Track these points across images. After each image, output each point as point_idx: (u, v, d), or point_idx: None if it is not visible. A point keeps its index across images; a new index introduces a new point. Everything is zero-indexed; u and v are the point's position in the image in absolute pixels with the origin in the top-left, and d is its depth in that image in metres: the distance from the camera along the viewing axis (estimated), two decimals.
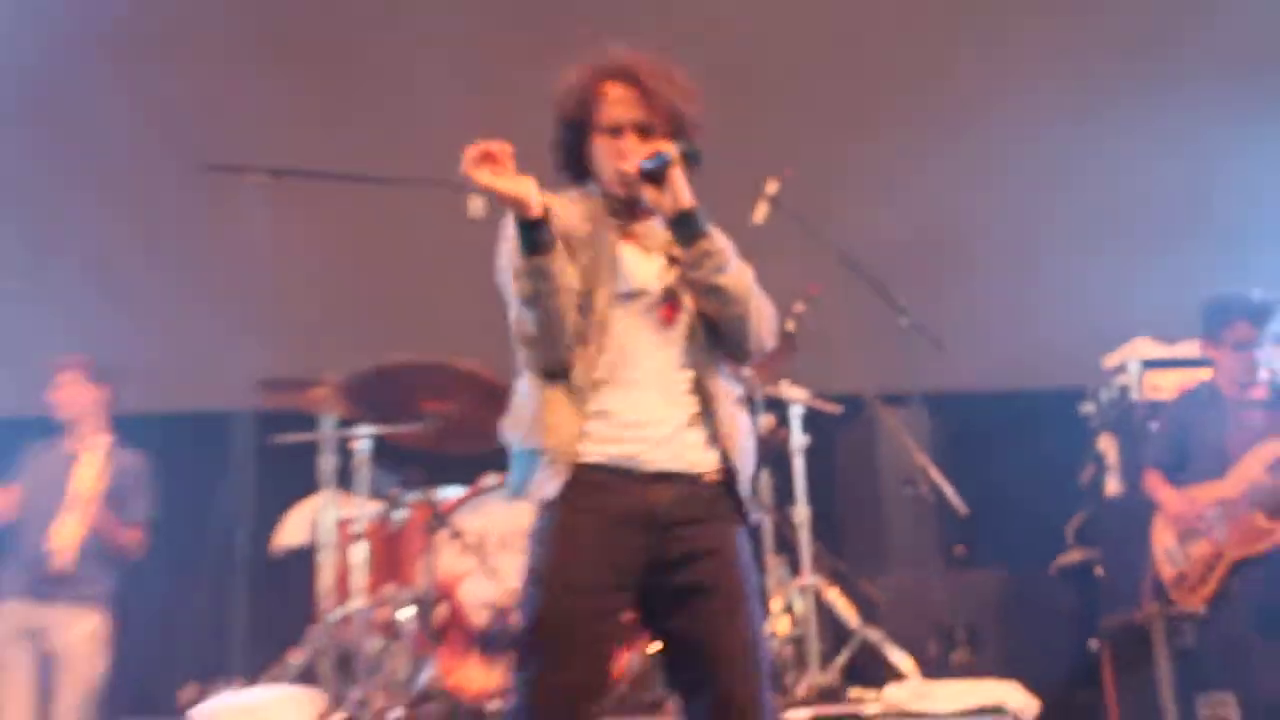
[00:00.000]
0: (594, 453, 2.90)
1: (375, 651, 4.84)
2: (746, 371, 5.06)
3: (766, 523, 5.11)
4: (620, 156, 2.98)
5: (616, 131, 3.00)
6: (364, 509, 5.02)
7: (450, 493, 4.88)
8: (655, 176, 2.91)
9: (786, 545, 5.04)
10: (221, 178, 5.53)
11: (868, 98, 6.66)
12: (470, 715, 4.45)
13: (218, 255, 5.89)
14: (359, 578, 4.92)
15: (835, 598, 4.89)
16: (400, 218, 6.06)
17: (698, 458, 2.94)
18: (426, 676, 4.59)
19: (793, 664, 4.80)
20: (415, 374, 4.80)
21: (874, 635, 4.78)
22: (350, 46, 6.82)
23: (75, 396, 5.74)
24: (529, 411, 2.97)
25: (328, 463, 5.14)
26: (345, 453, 5.12)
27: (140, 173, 6.63)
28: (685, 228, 2.94)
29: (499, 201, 2.77)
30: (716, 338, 2.99)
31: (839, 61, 6.80)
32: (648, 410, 2.93)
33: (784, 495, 5.04)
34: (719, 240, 2.96)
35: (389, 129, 6.59)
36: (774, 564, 5.07)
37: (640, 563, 2.88)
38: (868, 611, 5.04)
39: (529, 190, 2.75)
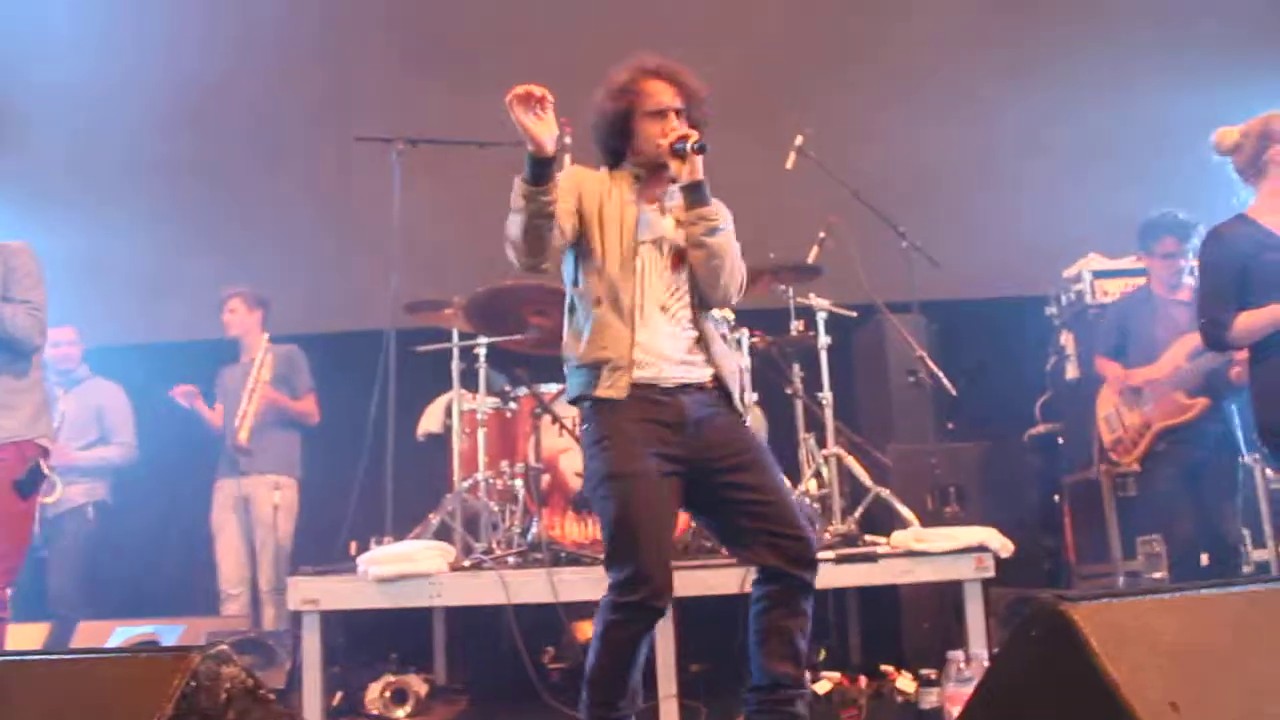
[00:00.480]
0: (639, 371, 3.01)
1: (495, 512, 4.82)
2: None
3: (798, 405, 5.01)
4: (663, 134, 3.08)
5: (661, 114, 3.11)
6: (484, 402, 4.98)
7: (550, 387, 4.82)
8: (679, 154, 3.03)
9: (815, 423, 4.94)
10: (369, 146, 5.49)
11: (875, 64, 6.50)
12: (568, 559, 4.41)
13: (367, 208, 5.84)
14: (481, 456, 4.87)
15: (853, 464, 4.78)
16: (506, 173, 5.96)
17: (700, 373, 3.07)
18: (534, 531, 4.56)
19: (819, 516, 4.71)
20: (521, 294, 4.75)
21: (884, 493, 4.67)
22: (468, 39, 6.73)
23: (240, 318, 5.76)
24: (585, 332, 3.06)
25: (455, 367, 5.10)
26: (469, 358, 5.08)
27: (304, 145, 6.61)
28: (693, 195, 3.06)
29: (523, 133, 2.86)
30: (698, 285, 3.10)
31: (854, 36, 6.65)
32: (666, 340, 3.05)
33: (812, 383, 4.93)
34: (717, 210, 3.09)
35: (497, 103, 6.48)
36: (804, 438, 4.97)
37: (681, 454, 2.99)
38: (879, 474, 4.95)
39: (546, 132, 2.85)
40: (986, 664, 3.85)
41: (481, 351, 5.03)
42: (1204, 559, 4.39)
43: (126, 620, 5.12)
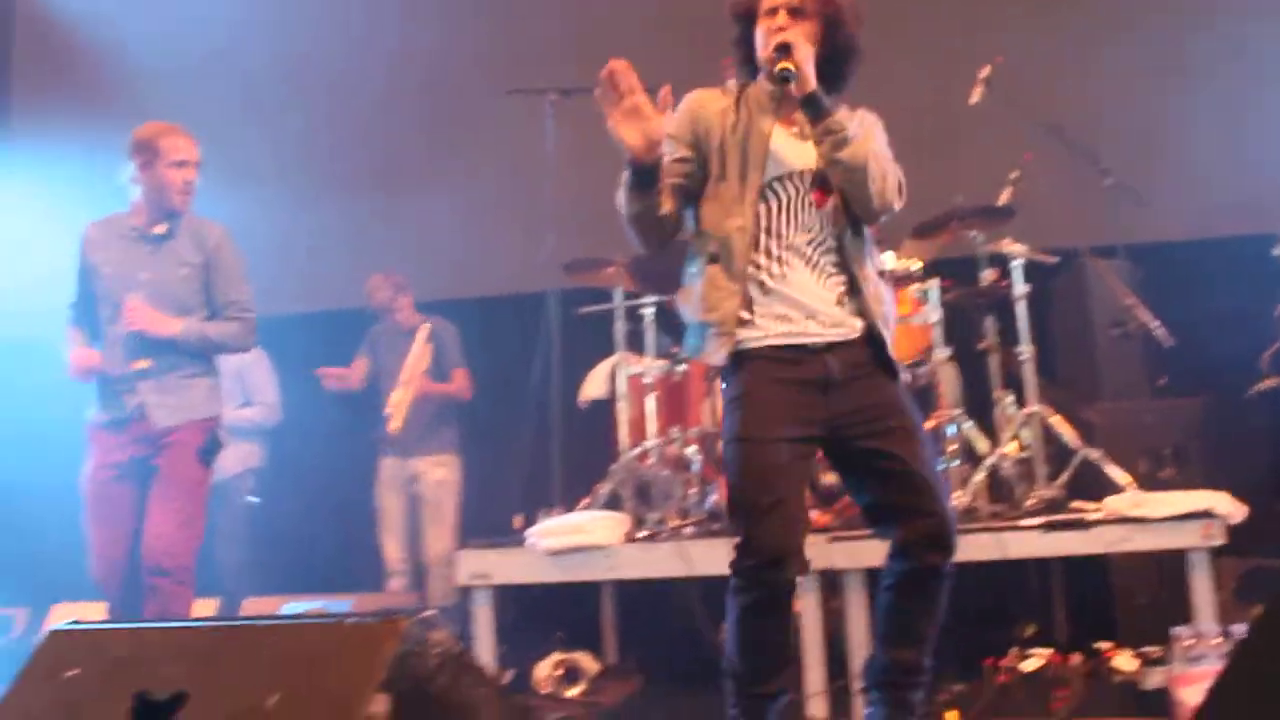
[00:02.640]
0: (759, 328, 2.93)
1: (667, 481, 4.88)
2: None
3: (993, 361, 4.94)
4: (769, 38, 2.92)
5: (772, 12, 2.93)
6: (651, 365, 5.03)
7: None
8: (771, 78, 2.87)
9: (1012, 380, 4.86)
10: (522, 100, 5.57)
11: None
12: None
13: (520, 164, 5.93)
14: (650, 422, 4.93)
15: (1058, 423, 4.68)
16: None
17: (849, 327, 2.94)
18: (711, 500, 4.60)
19: (1020, 481, 4.64)
20: (687, 249, 4.73)
21: (1093, 455, 4.57)
22: None
23: (406, 315, 6.02)
24: (697, 288, 3.02)
25: (620, 329, 5.16)
26: (634, 319, 5.14)
27: (455, 101, 6.74)
28: (809, 109, 2.89)
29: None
30: (850, 204, 2.94)
31: None
32: (803, 293, 2.93)
33: (1009, 337, 4.85)
34: (840, 119, 2.89)
35: (650, 51, 6.52)
36: (1000, 397, 4.89)
37: (820, 416, 2.91)
38: (1086, 435, 4.83)
39: (637, 135, 2.77)
40: (1218, 641, 3.76)
41: (647, 311, 5.09)
42: None
43: (292, 596, 5.35)
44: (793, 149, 2.98)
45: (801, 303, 2.93)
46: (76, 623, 2.45)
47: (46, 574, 5.33)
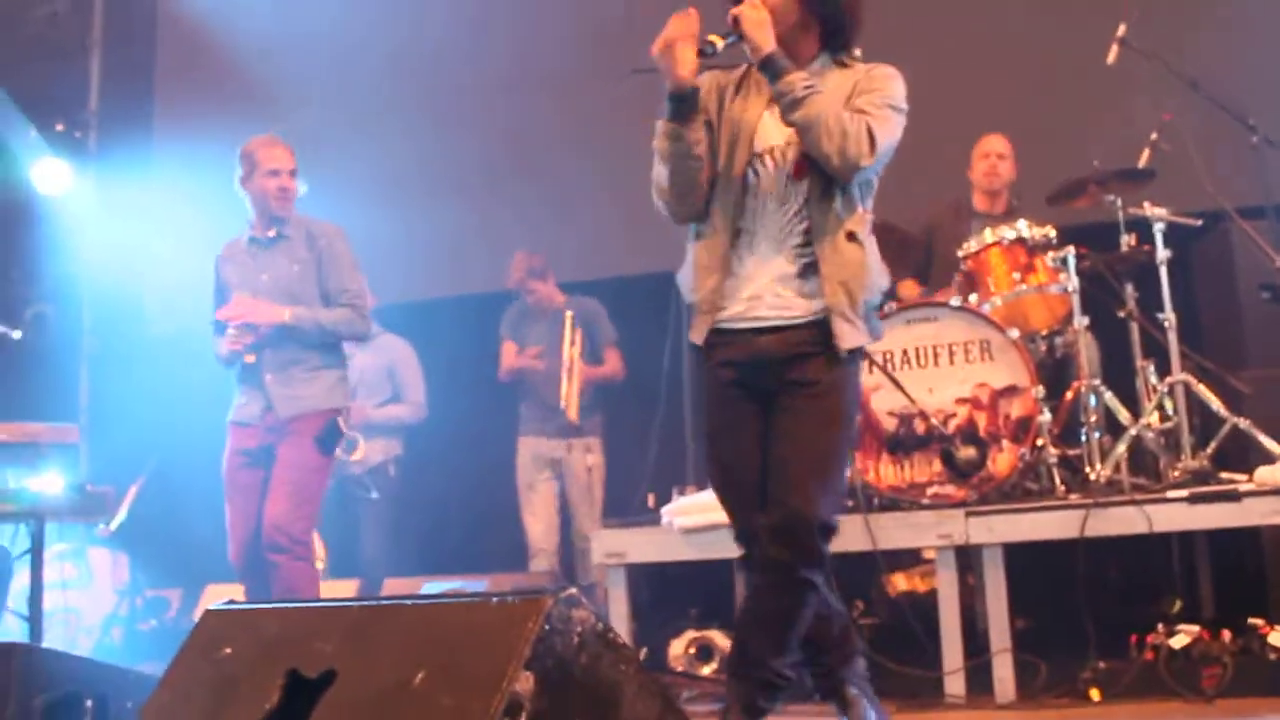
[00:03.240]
0: (728, 310, 2.98)
1: None
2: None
3: (1134, 329, 4.84)
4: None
5: None
6: None
7: None
8: (709, 53, 2.88)
9: (1155, 348, 4.76)
10: (645, 79, 5.58)
11: None
12: (884, 504, 4.44)
13: (643, 141, 5.95)
14: None
15: (1204, 391, 4.58)
16: None
17: (802, 306, 2.94)
18: (847, 475, 4.60)
19: (1166, 451, 4.55)
20: None
21: (1243, 424, 4.46)
22: None
23: (540, 296, 6.15)
24: (688, 266, 3.09)
25: None
26: None
27: (581, 82, 6.81)
28: (765, 73, 2.91)
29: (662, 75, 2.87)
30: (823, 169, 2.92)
31: None
32: (764, 270, 2.95)
33: (1150, 304, 4.75)
34: (794, 80, 2.87)
35: None
36: (1143, 366, 4.80)
37: (758, 397, 2.97)
38: (1234, 404, 4.72)
39: (683, 70, 2.83)
40: None
41: None
42: None
43: (430, 576, 5.50)
44: (776, 125, 2.99)
45: (760, 283, 2.97)
46: (231, 603, 2.57)
47: (199, 557, 5.57)
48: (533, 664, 2.01)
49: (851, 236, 2.95)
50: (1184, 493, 4.18)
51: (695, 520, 4.39)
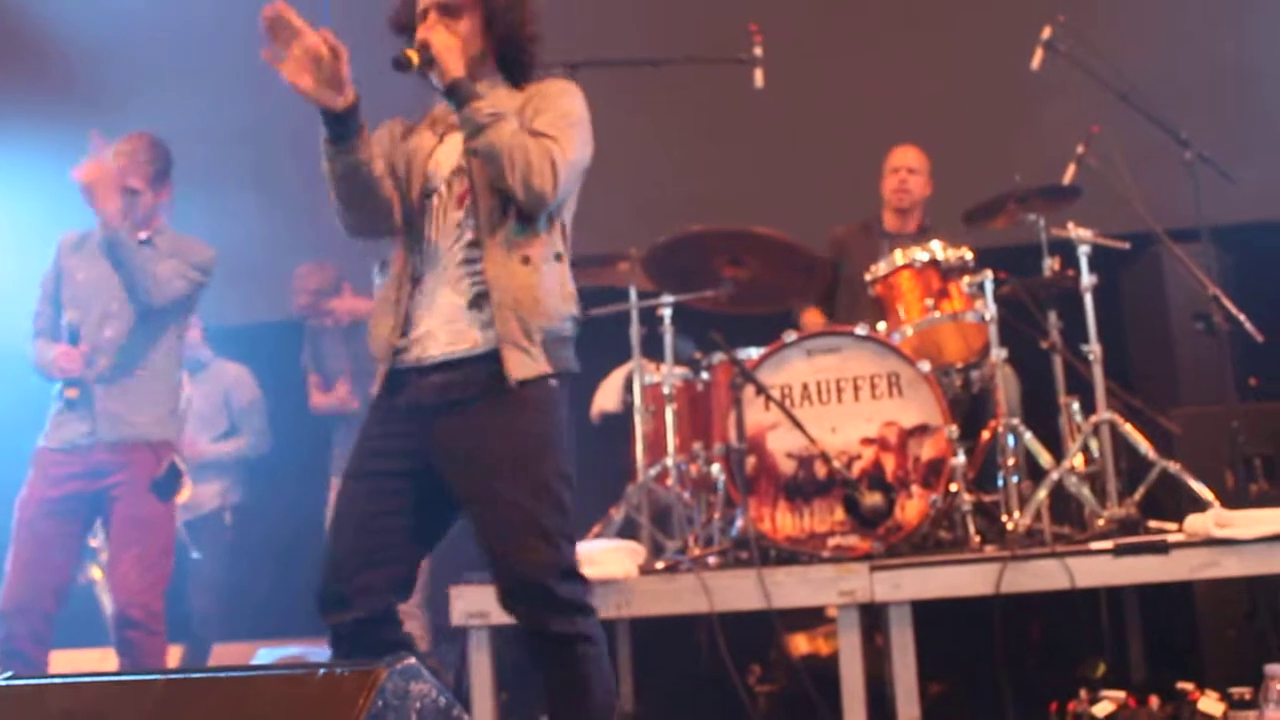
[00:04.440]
0: (402, 353, 3.02)
1: (689, 504, 4.89)
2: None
3: (1057, 362, 4.93)
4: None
5: (424, 15, 3.07)
6: (671, 373, 5.04)
7: (751, 352, 4.83)
8: (404, 66, 2.96)
9: (1079, 383, 4.85)
10: None
11: None
12: (781, 558, 4.45)
13: None
14: (670, 437, 4.94)
15: (1131, 432, 4.68)
16: (683, 97, 6.01)
17: (470, 341, 2.98)
18: (739, 524, 4.61)
19: (1089, 499, 4.63)
20: (713, 241, 4.77)
21: (1172, 468, 4.56)
22: None
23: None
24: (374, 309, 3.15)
25: (635, 332, 5.17)
26: (651, 321, 5.15)
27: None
28: (451, 99, 2.99)
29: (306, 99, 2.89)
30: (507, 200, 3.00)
31: None
32: (434, 305, 3.01)
33: (1075, 334, 4.84)
34: (480, 106, 2.95)
35: (666, 13, 6.58)
36: (1066, 402, 4.89)
37: (414, 447, 2.98)
38: (1163, 445, 4.83)
39: (322, 87, 2.86)
40: None
41: (666, 313, 5.09)
42: None
43: (268, 641, 5.38)
44: (446, 153, 3.10)
45: (427, 320, 3.02)
46: (13, 677, 2.46)
47: None
48: None
49: (526, 260, 3.00)
50: (1109, 544, 4.25)
51: None
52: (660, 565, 4.56)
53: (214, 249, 4.54)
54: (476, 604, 4.45)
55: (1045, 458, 4.76)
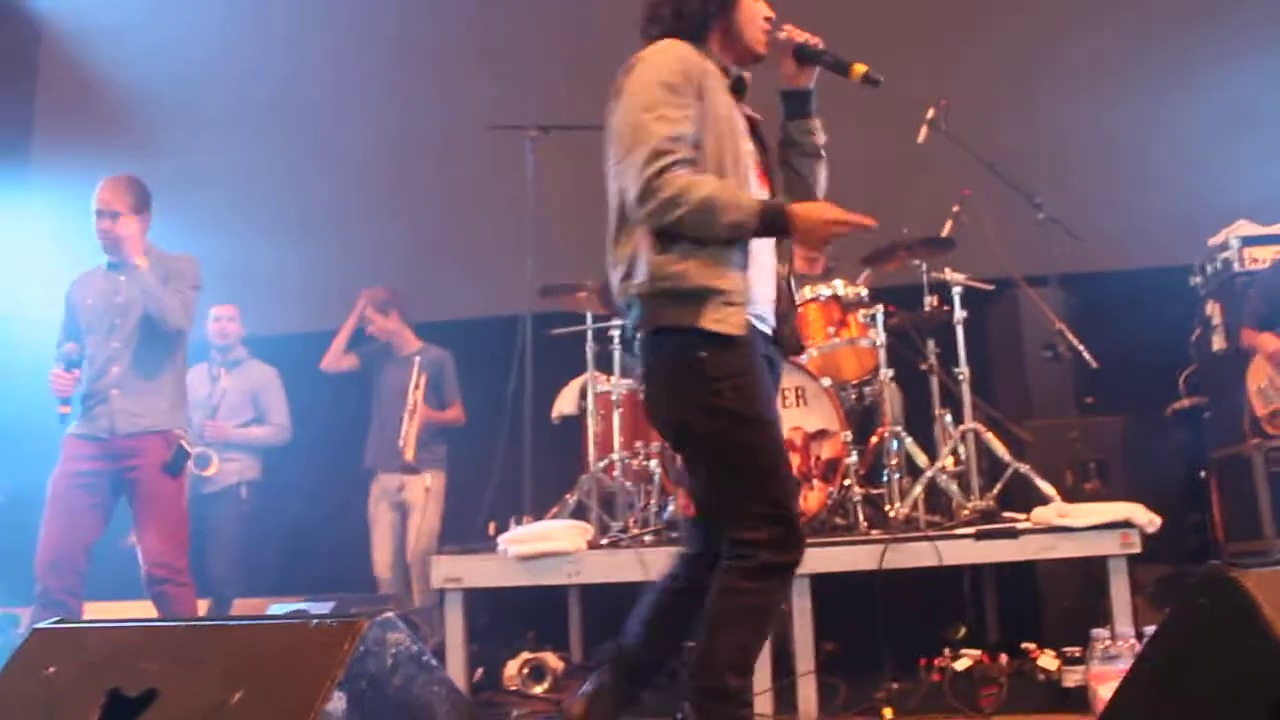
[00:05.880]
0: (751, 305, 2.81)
1: (630, 492, 4.87)
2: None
3: (933, 381, 4.95)
4: (766, 17, 2.82)
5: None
6: (618, 384, 5.02)
7: None
8: (811, 58, 2.78)
9: (951, 399, 4.88)
10: (501, 134, 5.56)
11: (1012, 35, 6.38)
12: None
13: (501, 195, 5.94)
14: (616, 437, 4.92)
15: (991, 439, 4.70)
16: None
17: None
18: (670, 510, 4.60)
19: (957, 493, 4.65)
20: None
21: (1023, 468, 4.59)
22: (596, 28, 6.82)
23: (381, 327, 6.08)
24: (701, 255, 2.80)
25: (590, 349, 5.16)
26: (603, 341, 5.14)
27: (440, 135, 6.78)
28: (810, 103, 2.88)
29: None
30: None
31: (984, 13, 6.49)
32: (766, 264, 2.87)
33: (948, 359, 4.87)
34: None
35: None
36: (940, 414, 4.91)
37: None
38: (1017, 450, 4.86)
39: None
40: (1132, 642, 3.77)
41: (615, 333, 5.08)
42: None
43: (279, 598, 5.33)
44: (743, 130, 2.87)
45: (766, 282, 2.84)
46: (60, 621, 2.43)
47: None
48: (345, 684, 1.94)
49: None
50: (971, 530, 4.26)
51: (530, 548, 4.33)
52: (605, 542, 4.54)
53: (198, 259, 4.57)
54: (453, 571, 4.42)
55: (922, 459, 4.77)
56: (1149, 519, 4.18)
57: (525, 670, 4.59)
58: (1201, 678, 1.72)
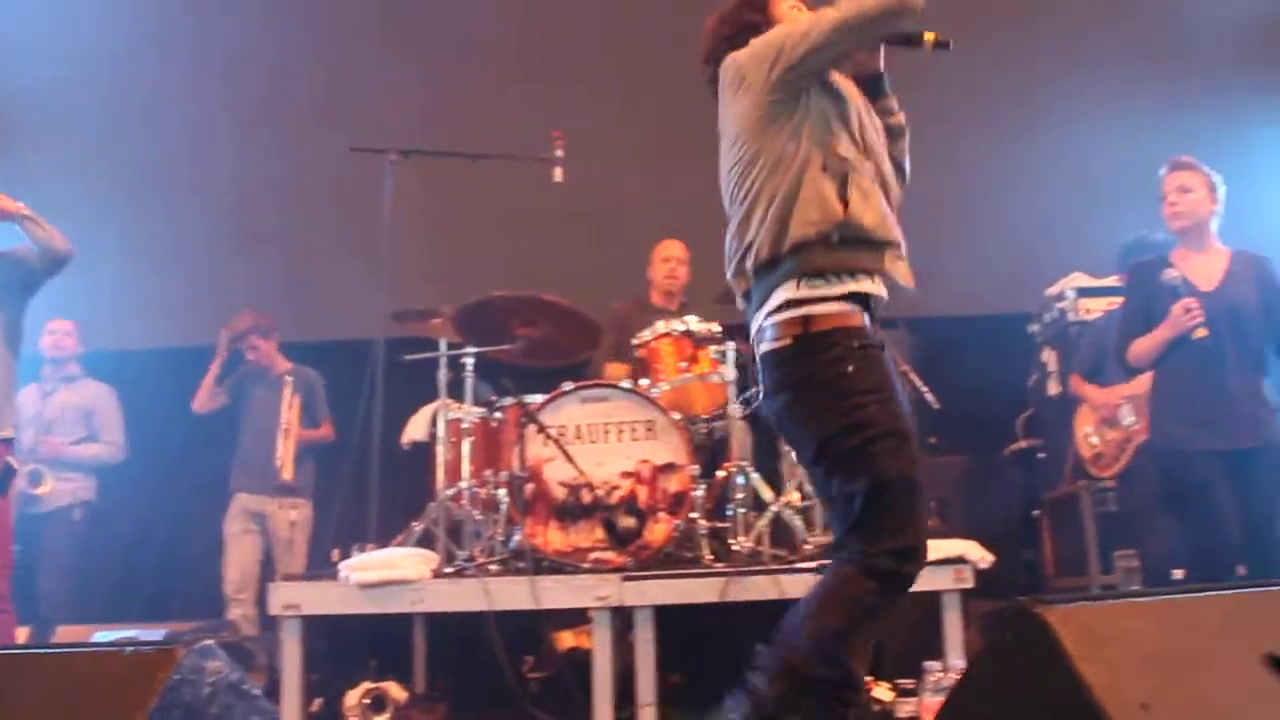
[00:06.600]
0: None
1: (478, 521, 4.83)
2: None
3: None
4: None
5: None
6: (470, 411, 4.97)
7: (535, 397, 4.81)
8: (912, 41, 2.83)
9: None
10: (362, 157, 5.51)
11: None
12: (550, 568, 4.42)
13: (358, 218, 5.87)
14: (465, 465, 4.88)
15: None
16: (495, 185, 6.02)
17: None
18: (517, 539, 4.57)
19: (800, 527, 4.72)
20: (510, 305, 4.78)
21: None
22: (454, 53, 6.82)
23: (263, 353, 5.94)
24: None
25: (442, 376, 5.10)
26: (456, 368, 5.08)
27: (296, 154, 6.67)
28: (882, 84, 2.97)
29: None
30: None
31: None
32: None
33: None
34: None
35: (486, 116, 6.60)
36: (787, 451, 4.98)
37: None
38: None
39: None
40: (960, 674, 3.86)
41: (469, 361, 5.03)
42: (1178, 574, 4.42)
43: (109, 625, 5.12)
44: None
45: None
46: None
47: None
48: (158, 714, 1.87)
49: None
50: (813, 564, 4.33)
51: (372, 576, 4.25)
52: (450, 570, 4.49)
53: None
54: (291, 597, 4.31)
55: (767, 493, 4.82)
56: (981, 555, 4.31)
57: (366, 700, 4.49)
58: (1008, 710, 1.78)
